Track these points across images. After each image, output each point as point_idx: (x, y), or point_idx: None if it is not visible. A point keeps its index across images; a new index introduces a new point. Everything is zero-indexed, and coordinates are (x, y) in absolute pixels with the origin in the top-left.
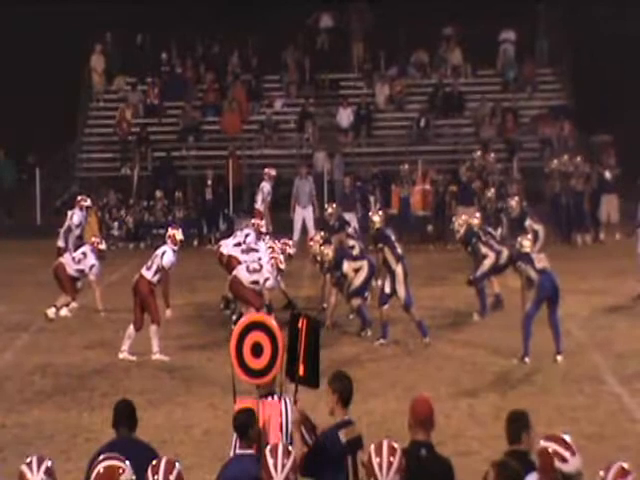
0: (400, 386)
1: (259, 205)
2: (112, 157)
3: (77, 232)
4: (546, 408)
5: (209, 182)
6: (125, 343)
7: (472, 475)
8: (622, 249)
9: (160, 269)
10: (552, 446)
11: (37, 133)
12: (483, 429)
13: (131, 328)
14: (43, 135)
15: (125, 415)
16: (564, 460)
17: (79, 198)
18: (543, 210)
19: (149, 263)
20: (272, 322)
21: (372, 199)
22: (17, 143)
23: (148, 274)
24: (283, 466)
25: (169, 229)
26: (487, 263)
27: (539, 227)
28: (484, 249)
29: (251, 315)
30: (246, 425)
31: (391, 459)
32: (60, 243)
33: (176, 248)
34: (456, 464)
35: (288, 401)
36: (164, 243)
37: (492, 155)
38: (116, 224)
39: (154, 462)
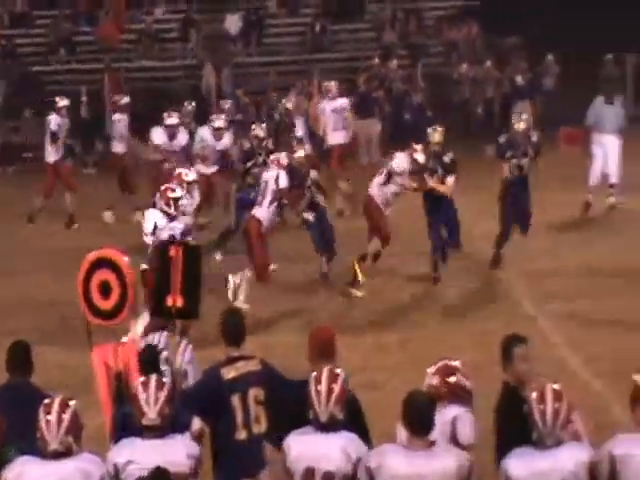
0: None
1: None
2: None
3: None
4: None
5: (84, 98)
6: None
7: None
8: None
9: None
10: None
11: None
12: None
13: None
14: None
15: (20, 358)
16: None
17: None
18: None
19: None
20: (120, 258)
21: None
22: None
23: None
24: (157, 399)
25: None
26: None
27: None
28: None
29: (99, 251)
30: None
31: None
32: None
33: None
34: (364, 398)
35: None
36: None
37: (394, 62)
38: None
39: (46, 401)
